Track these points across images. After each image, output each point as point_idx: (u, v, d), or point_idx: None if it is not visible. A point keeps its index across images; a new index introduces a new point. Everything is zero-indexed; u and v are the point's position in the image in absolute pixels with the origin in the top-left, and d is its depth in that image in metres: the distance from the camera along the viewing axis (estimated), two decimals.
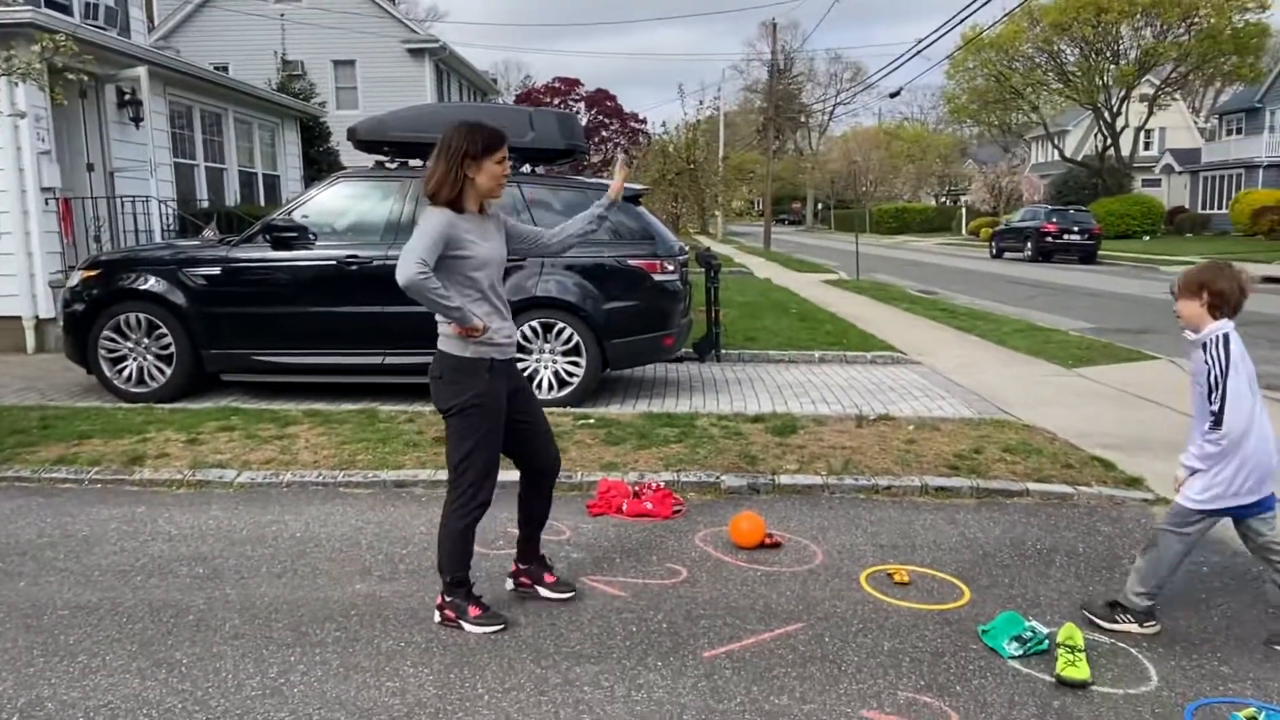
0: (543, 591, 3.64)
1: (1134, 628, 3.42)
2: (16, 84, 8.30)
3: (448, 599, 3.41)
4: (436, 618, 3.45)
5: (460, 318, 3.18)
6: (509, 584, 3.70)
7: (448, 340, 3.28)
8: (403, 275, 3.09)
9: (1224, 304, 3.16)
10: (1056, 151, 47.15)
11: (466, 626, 3.37)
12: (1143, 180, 44.80)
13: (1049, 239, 27.47)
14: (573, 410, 6.61)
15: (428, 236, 3.15)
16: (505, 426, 3.36)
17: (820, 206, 76.55)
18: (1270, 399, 7.38)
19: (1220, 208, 39.31)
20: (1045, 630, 3.33)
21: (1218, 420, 3.18)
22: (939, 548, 4.27)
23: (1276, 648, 3.33)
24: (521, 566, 3.70)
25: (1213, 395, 3.16)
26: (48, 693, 2.96)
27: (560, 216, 6.49)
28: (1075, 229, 27.37)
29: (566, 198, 7.01)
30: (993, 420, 6.48)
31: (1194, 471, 3.31)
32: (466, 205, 3.26)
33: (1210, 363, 3.16)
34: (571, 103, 51.85)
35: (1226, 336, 3.16)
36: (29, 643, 3.30)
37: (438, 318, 3.27)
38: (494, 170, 3.21)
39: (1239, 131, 41.50)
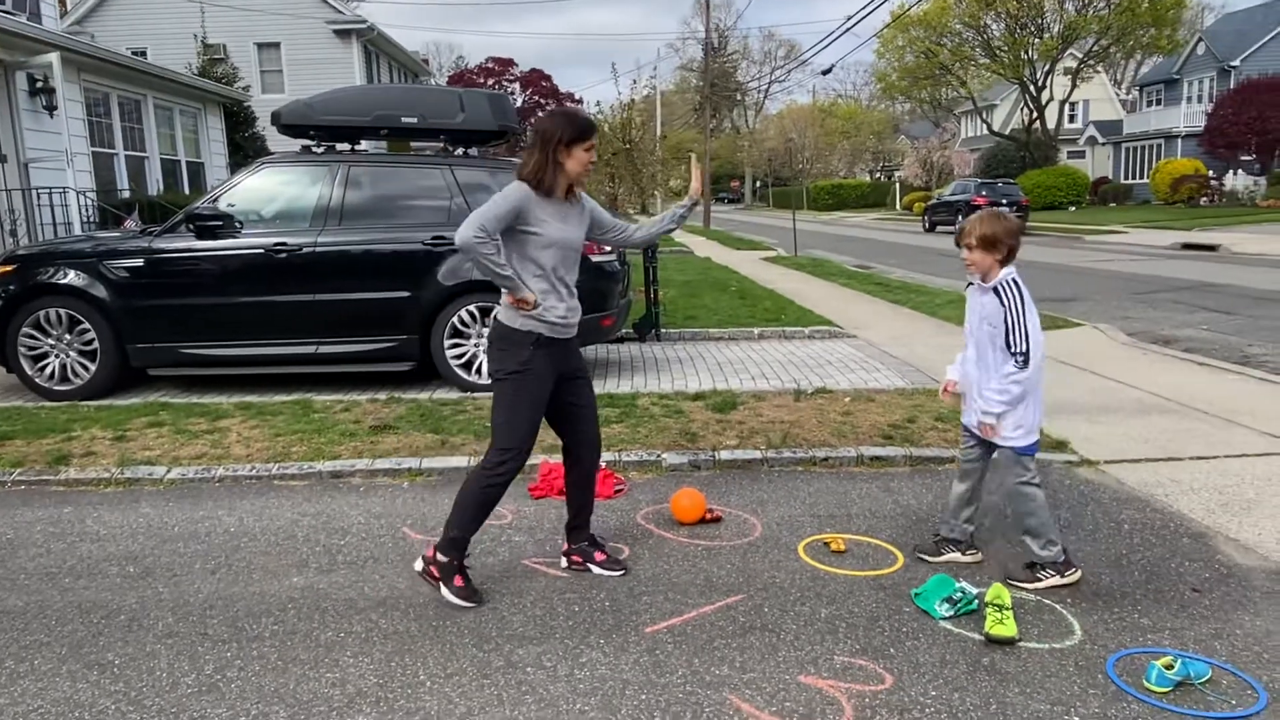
0: (594, 569, 3.75)
1: (1057, 579, 3.56)
2: None
3: (440, 557, 3.48)
4: (418, 566, 3.56)
5: (511, 285, 3.32)
6: (562, 562, 3.81)
7: (503, 310, 3.43)
8: (461, 237, 3.23)
9: (1010, 254, 3.47)
10: (985, 126, 48.14)
11: (444, 592, 3.47)
12: (1068, 152, 46.00)
13: (979, 211, 28.08)
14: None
15: (498, 206, 3.29)
16: (556, 406, 3.53)
17: (758, 185, 77.09)
18: (1199, 363, 7.70)
19: (1142, 177, 40.61)
20: (974, 591, 3.44)
21: (1025, 359, 3.40)
22: (874, 516, 4.36)
23: (1196, 593, 3.49)
24: (571, 546, 3.81)
25: (1013, 336, 3.40)
26: None
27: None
28: (1004, 201, 28.00)
29: (504, 180, 6.93)
30: (925, 390, 6.62)
31: (999, 416, 3.50)
32: (555, 189, 3.35)
33: (1006, 304, 3.41)
34: (506, 84, 51.26)
35: (1016, 280, 3.45)
36: None
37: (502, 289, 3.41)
38: (582, 157, 3.35)
39: (1158, 103, 42.84)
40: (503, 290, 3.39)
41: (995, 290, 3.45)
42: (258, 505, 4.62)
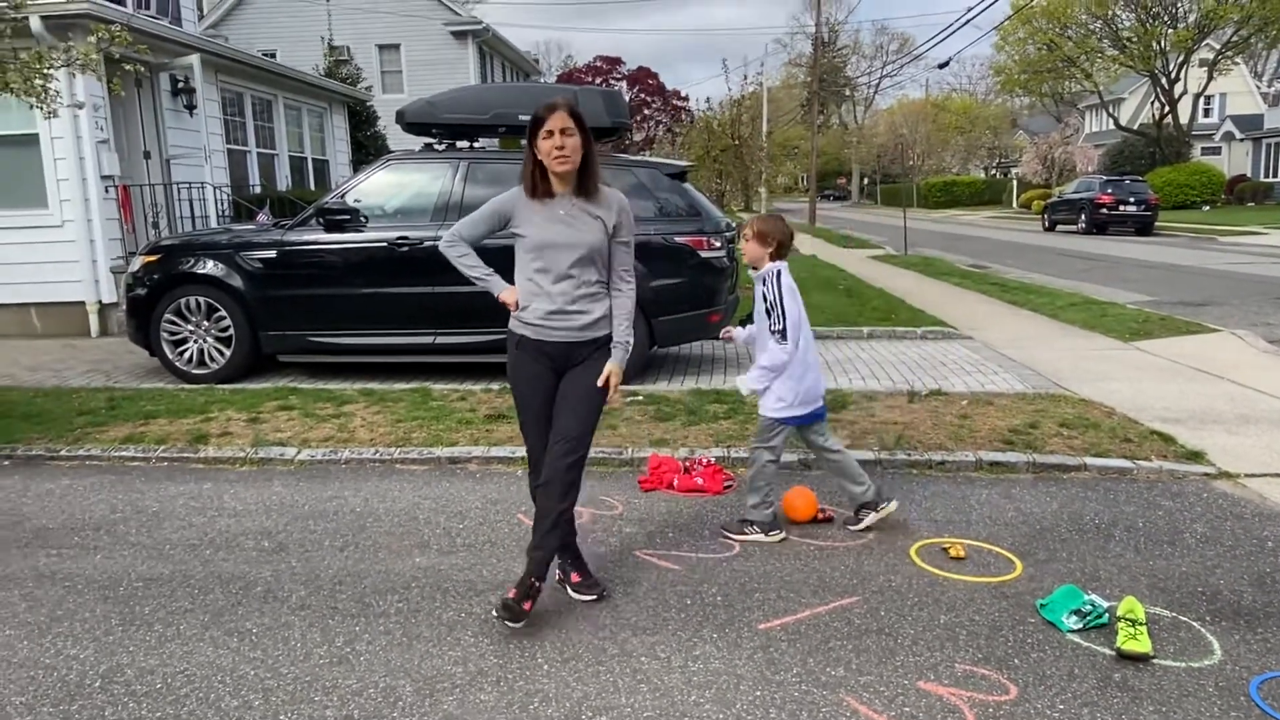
0: (568, 589, 3.54)
1: (761, 536, 4.03)
2: (75, 75, 8.53)
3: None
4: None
5: (485, 287, 3.40)
6: (557, 574, 3.63)
7: None
8: (440, 242, 3.44)
9: (781, 249, 3.98)
10: (1111, 120, 45.88)
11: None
12: (1202, 148, 43.42)
13: (1104, 210, 26.79)
14: (621, 388, 6.64)
15: (479, 210, 3.38)
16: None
17: (866, 181, 75.53)
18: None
19: None
20: (1105, 604, 3.30)
21: (783, 335, 3.89)
22: (995, 522, 4.24)
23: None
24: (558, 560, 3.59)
25: (771, 316, 3.90)
26: (126, 660, 3.09)
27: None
28: (1131, 200, 26.65)
29: (607, 175, 7.02)
30: (1048, 395, 6.38)
31: (764, 390, 3.98)
32: (543, 187, 3.24)
33: (769, 291, 3.92)
34: (613, 81, 51.67)
35: (779, 272, 3.94)
36: (106, 613, 3.44)
37: None
38: (543, 146, 3.15)
39: None
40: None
41: (763, 278, 3.95)
42: (381, 487, 4.81)
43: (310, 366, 7.69)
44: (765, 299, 3.94)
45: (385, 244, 6.96)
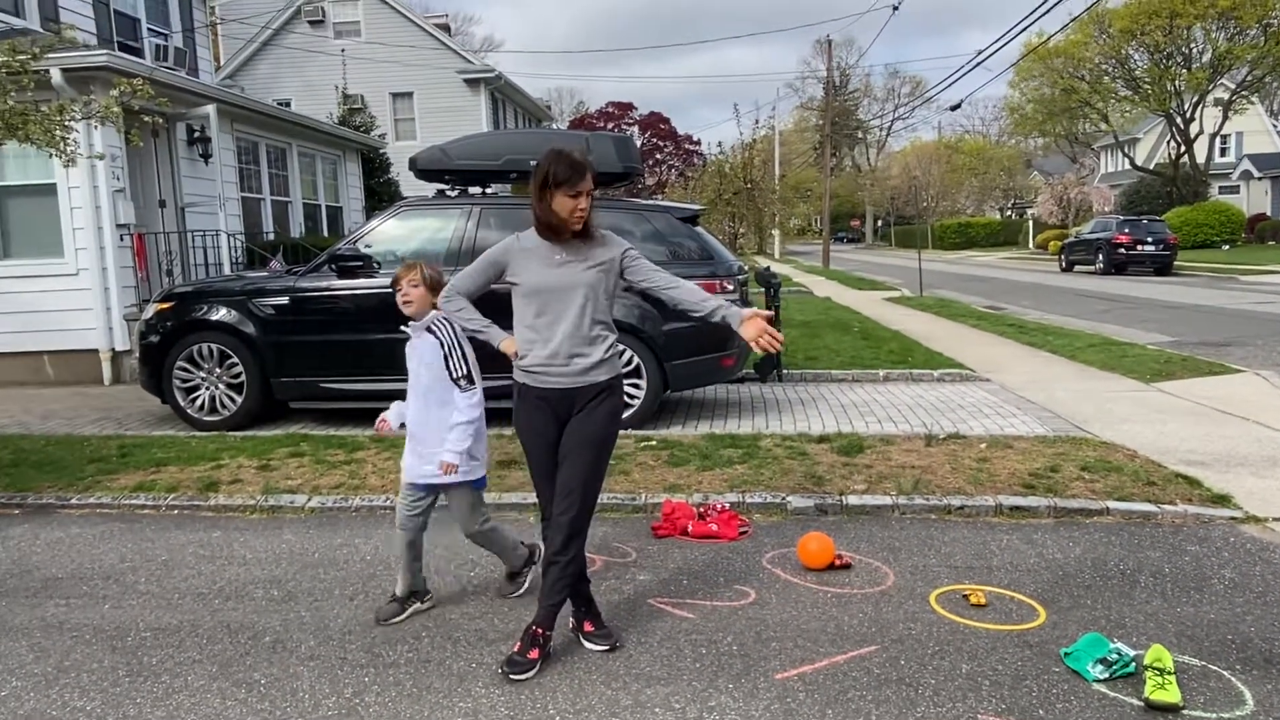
0: (581, 638, 3.52)
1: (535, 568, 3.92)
2: (96, 126, 8.73)
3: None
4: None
5: (485, 337, 3.47)
6: (570, 622, 3.60)
7: None
8: (439, 297, 3.54)
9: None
10: (1127, 160, 46.09)
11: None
12: (1220, 187, 43.46)
13: (1122, 250, 26.79)
14: (634, 432, 6.65)
15: (475, 264, 3.46)
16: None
17: (880, 223, 75.85)
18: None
19: None
20: (1132, 653, 3.25)
21: (471, 379, 3.60)
22: (1016, 569, 4.19)
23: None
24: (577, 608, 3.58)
25: (451, 363, 3.59)
26: (133, 712, 3.08)
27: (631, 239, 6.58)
28: (1149, 239, 26.65)
29: (618, 219, 7.08)
30: (1068, 438, 6.35)
31: (460, 454, 3.60)
32: (551, 231, 3.26)
33: (442, 338, 3.60)
34: (625, 126, 52.41)
35: (445, 318, 3.62)
36: (114, 663, 3.44)
37: None
38: (565, 204, 3.19)
39: None
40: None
41: (430, 329, 3.63)
42: (392, 535, 4.79)
43: (322, 413, 7.73)
44: (442, 346, 3.57)
45: None
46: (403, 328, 3.73)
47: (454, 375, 3.59)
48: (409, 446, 3.73)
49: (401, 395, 7.10)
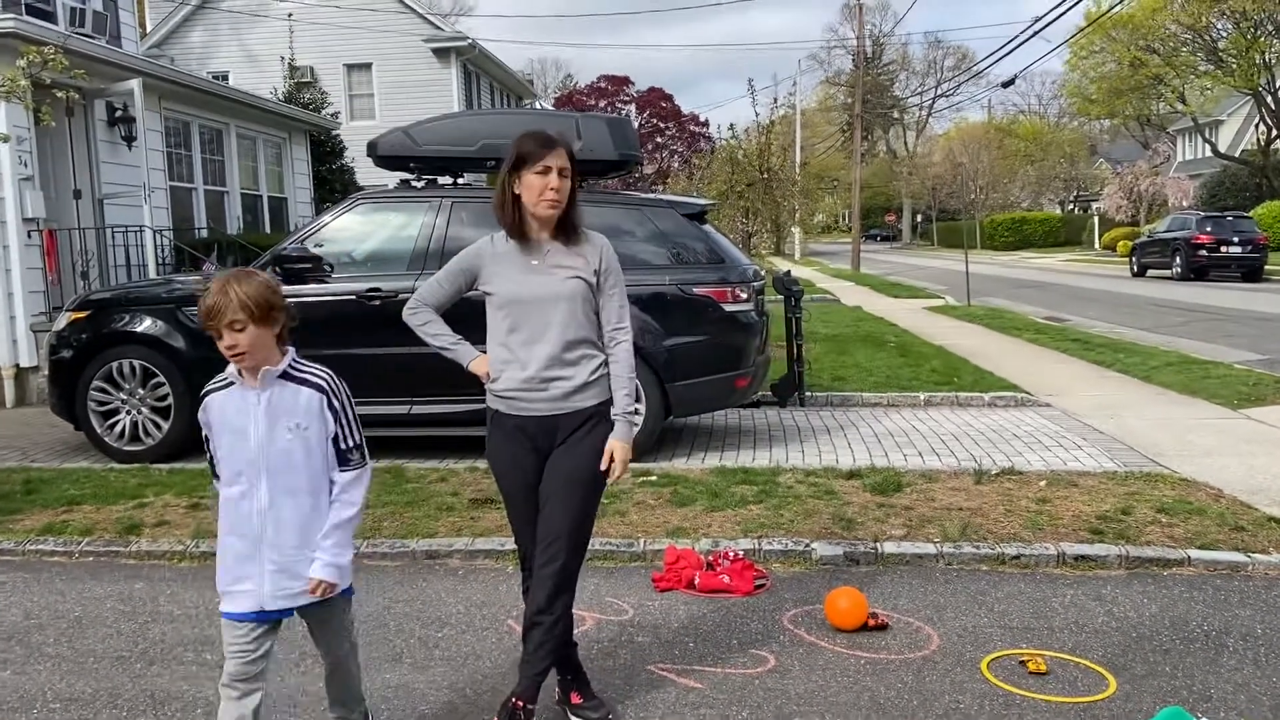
0: (568, 712, 3.51)
1: None
2: None
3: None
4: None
5: (453, 356, 3.45)
6: (555, 693, 3.58)
7: None
8: (404, 309, 3.50)
9: (288, 329, 2.88)
10: (1208, 146, 46.37)
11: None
12: None
13: (1203, 252, 26.91)
14: (631, 466, 6.64)
15: (444, 269, 3.46)
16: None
17: (920, 219, 76.17)
18: None
19: None
20: None
21: (363, 450, 2.94)
22: (1082, 629, 4.20)
23: None
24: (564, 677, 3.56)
25: (346, 429, 2.88)
26: None
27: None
28: (1235, 239, 26.77)
29: (614, 216, 7.12)
30: (1142, 474, 6.37)
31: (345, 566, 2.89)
32: (520, 230, 3.29)
33: (335, 395, 2.88)
34: (620, 105, 52.68)
35: (324, 368, 2.95)
36: None
37: None
38: (534, 183, 3.19)
39: None
40: None
41: (296, 377, 2.86)
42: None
43: None
44: (331, 400, 2.86)
45: (353, 297, 7.05)
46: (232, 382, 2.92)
47: (345, 444, 2.88)
48: (232, 557, 2.86)
49: (363, 421, 7.12)
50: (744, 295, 7.20)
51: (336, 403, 2.88)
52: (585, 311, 3.31)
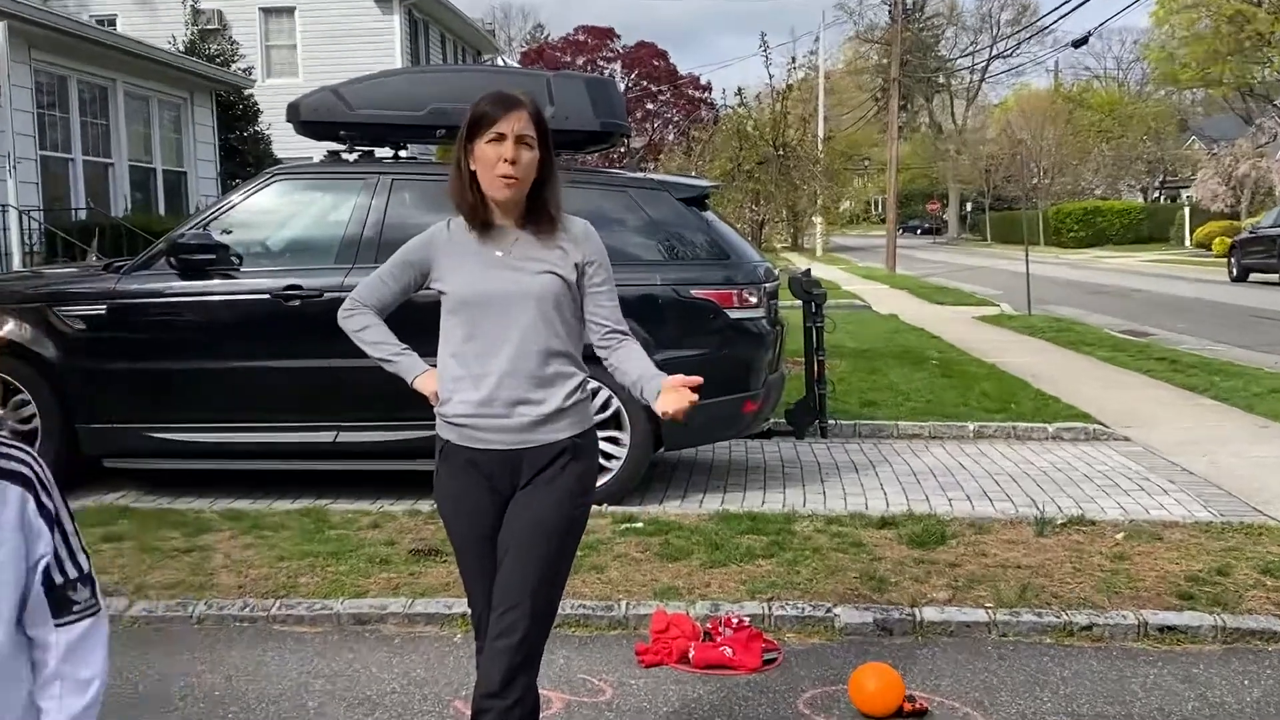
0: None
1: None
2: None
3: None
4: None
5: (395, 369, 3.42)
6: None
7: None
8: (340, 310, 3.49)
9: None
10: None
11: None
12: None
13: None
14: (612, 510, 6.64)
15: (385, 264, 3.44)
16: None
17: (969, 208, 76.61)
18: None
19: None
20: None
21: (94, 589, 2.14)
22: (1168, 717, 4.19)
23: None
24: None
25: (64, 547, 2.06)
26: None
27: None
28: None
29: (593, 200, 7.10)
30: (1243, 525, 6.38)
31: None
32: (493, 218, 3.25)
33: (46, 493, 2.05)
34: (603, 64, 52.84)
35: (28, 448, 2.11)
36: None
37: None
38: (484, 154, 3.14)
39: None
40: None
41: (22, 477, 2.01)
42: (252, 658, 4.76)
43: (151, 476, 7.67)
44: (41, 513, 2.00)
45: (268, 296, 7.02)
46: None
47: (66, 575, 2.07)
48: None
49: (270, 452, 7.09)
50: (753, 299, 7.19)
51: (50, 503, 2.05)
52: (561, 316, 3.26)
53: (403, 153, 7.87)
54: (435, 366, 3.33)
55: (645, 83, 53.25)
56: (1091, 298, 24.72)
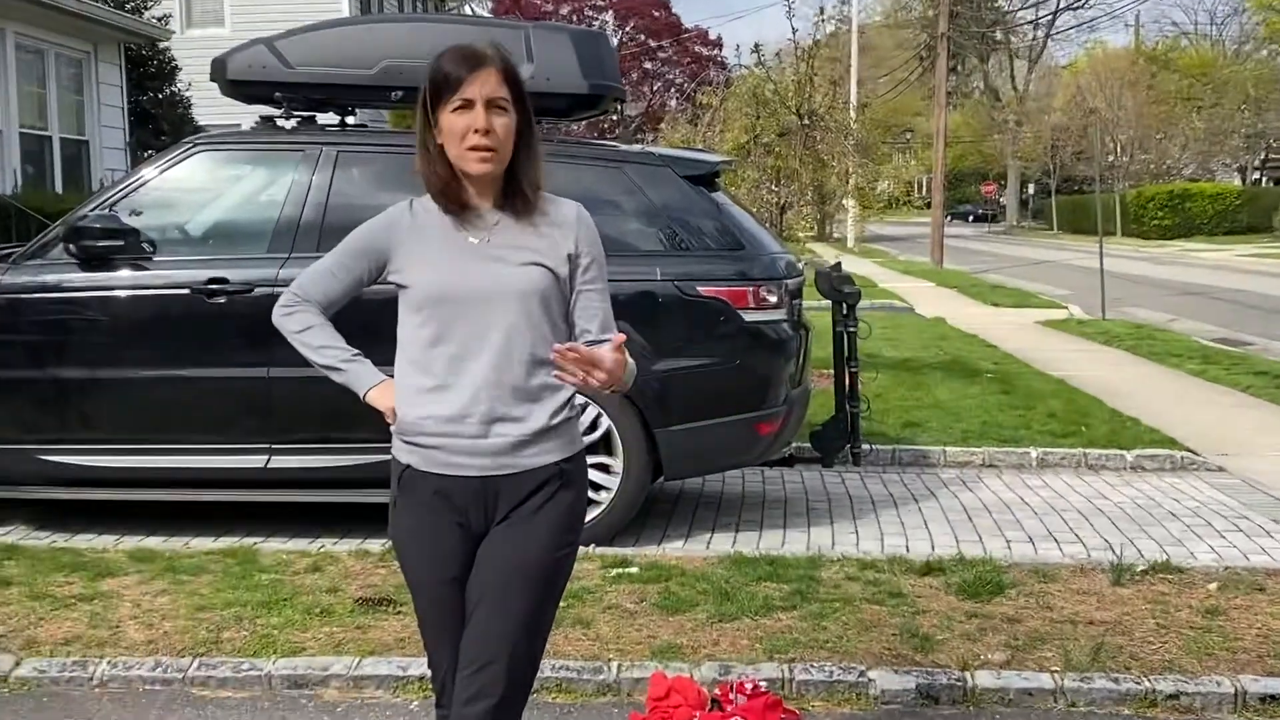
0: None
1: None
2: None
3: None
4: None
5: (343, 379, 3.38)
6: None
7: None
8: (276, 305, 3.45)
9: None
10: None
11: None
12: None
13: None
14: (601, 551, 6.63)
15: (334, 251, 3.41)
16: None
17: (1031, 190, 76.74)
18: None
19: None
20: None
21: None
22: None
23: None
24: None
25: None
26: None
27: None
28: None
29: (580, 178, 7.10)
30: None
31: None
32: (468, 195, 3.24)
33: None
34: (593, 14, 52.94)
35: None
36: None
37: None
38: (450, 125, 3.15)
39: None
40: None
41: None
42: None
43: (44, 507, 7.67)
44: None
45: (187, 291, 7.01)
46: None
47: None
48: None
49: (188, 479, 7.06)
50: (772, 298, 7.19)
51: None
52: (549, 317, 3.25)
53: (350, 119, 7.86)
54: (392, 376, 3.32)
55: (643, 37, 53.39)
56: (1179, 299, 24.75)
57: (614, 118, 16.66)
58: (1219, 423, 10.73)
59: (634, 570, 6.33)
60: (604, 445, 6.98)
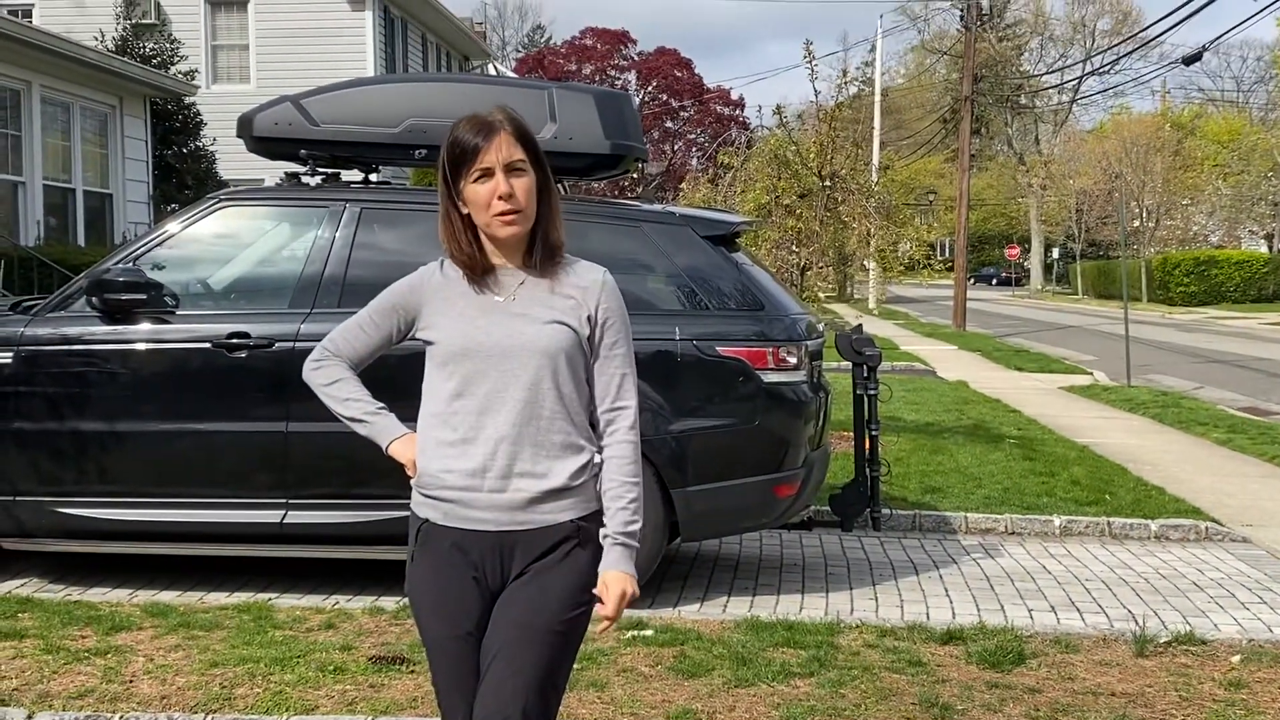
0: None
1: None
2: None
3: None
4: None
5: (368, 432, 3.43)
6: None
7: None
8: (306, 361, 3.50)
9: None
10: None
11: None
12: None
13: None
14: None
15: (366, 308, 3.47)
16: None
17: (1056, 254, 76.70)
18: None
19: None
20: None
21: None
22: None
23: None
24: None
25: None
26: None
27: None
28: None
29: (600, 237, 7.14)
30: None
31: None
32: (473, 259, 3.30)
33: None
34: (615, 74, 53.31)
35: None
36: None
37: None
38: (474, 196, 3.22)
39: None
40: None
41: None
42: None
43: (60, 559, 7.69)
44: None
45: (208, 345, 7.05)
46: None
47: None
48: None
49: (204, 535, 7.08)
50: (792, 359, 7.20)
51: None
52: (570, 376, 3.29)
53: (374, 176, 7.93)
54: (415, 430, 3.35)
55: (665, 97, 53.71)
56: (1205, 367, 24.68)
57: (635, 176, 16.77)
58: (1244, 493, 10.69)
59: (649, 633, 6.32)
60: None
